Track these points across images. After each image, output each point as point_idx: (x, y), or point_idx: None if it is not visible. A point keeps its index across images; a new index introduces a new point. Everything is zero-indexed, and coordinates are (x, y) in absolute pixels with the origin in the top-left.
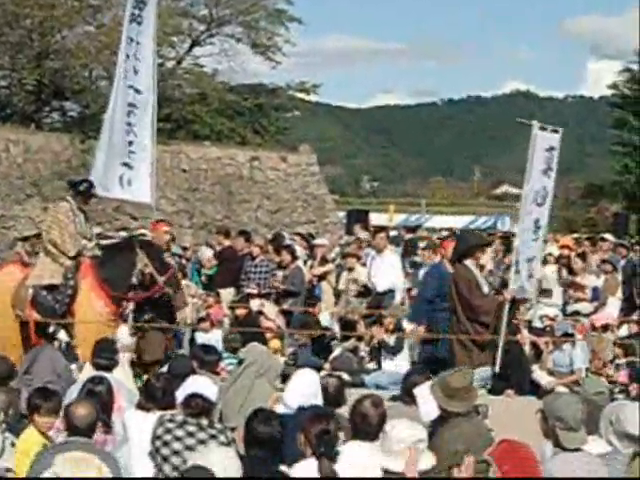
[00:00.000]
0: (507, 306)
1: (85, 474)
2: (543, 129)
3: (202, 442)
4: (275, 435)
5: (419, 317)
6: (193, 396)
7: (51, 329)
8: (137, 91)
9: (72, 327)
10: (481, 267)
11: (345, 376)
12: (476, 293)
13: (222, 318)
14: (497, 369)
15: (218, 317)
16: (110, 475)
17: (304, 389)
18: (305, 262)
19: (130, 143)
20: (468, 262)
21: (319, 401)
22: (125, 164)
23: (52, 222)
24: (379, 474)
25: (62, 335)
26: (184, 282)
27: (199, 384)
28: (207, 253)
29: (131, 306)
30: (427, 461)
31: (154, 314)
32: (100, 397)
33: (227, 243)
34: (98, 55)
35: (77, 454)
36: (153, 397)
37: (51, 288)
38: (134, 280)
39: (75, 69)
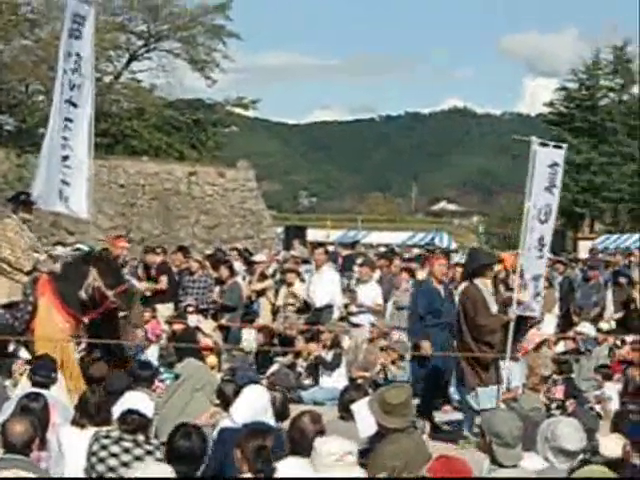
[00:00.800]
0: (512, 325)
1: None
2: (544, 145)
3: (138, 458)
4: (195, 450)
5: (419, 334)
6: (129, 412)
7: (11, 347)
8: (74, 105)
9: (32, 344)
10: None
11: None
12: (483, 312)
13: (159, 333)
14: (504, 387)
15: (155, 332)
16: None
17: (253, 404)
18: (244, 278)
19: (65, 158)
20: (478, 281)
21: (269, 417)
22: (62, 180)
23: (1, 240)
24: None
25: (22, 353)
26: None
27: (135, 400)
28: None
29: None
30: (359, 472)
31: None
32: (35, 414)
33: (159, 259)
34: (35, 69)
35: (14, 471)
36: (88, 413)
37: (9, 306)
38: (83, 295)
39: (11, 83)
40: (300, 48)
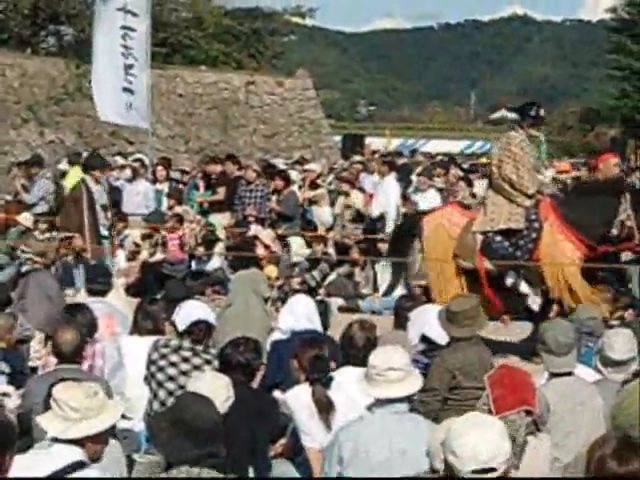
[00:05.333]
0: None
1: (82, 397)
2: None
3: (197, 367)
4: (245, 360)
5: None
6: (197, 323)
7: (510, 280)
8: (132, 13)
9: (532, 275)
10: (473, 196)
11: (340, 301)
12: None
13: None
14: None
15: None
16: (104, 399)
17: (293, 310)
18: (300, 187)
19: (130, 66)
20: None
21: (316, 325)
22: (126, 89)
23: (504, 155)
24: (368, 400)
25: (524, 287)
26: (182, 208)
27: (199, 309)
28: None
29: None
30: (411, 386)
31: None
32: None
33: (219, 169)
34: None
35: (71, 382)
36: (145, 322)
37: (506, 233)
38: (614, 231)
39: None
40: None
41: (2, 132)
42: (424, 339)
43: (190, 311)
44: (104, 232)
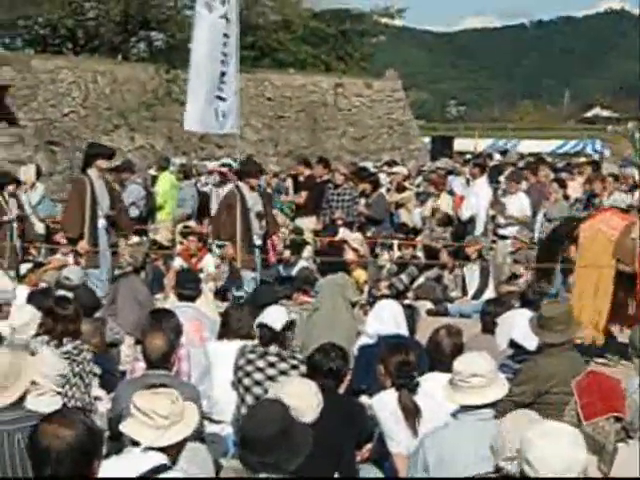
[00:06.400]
0: None
1: (168, 403)
2: None
3: (283, 372)
4: (334, 367)
5: None
6: (260, 326)
7: None
8: (228, 20)
9: None
10: (566, 197)
11: (428, 304)
12: None
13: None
14: None
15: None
16: (185, 406)
17: (379, 315)
18: (387, 190)
19: (223, 74)
20: None
21: (402, 330)
22: (218, 97)
23: None
24: (454, 407)
25: None
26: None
27: (268, 314)
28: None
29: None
30: (496, 392)
31: None
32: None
33: (308, 172)
34: None
35: (150, 390)
36: (232, 327)
37: None
38: None
39: None
40: None
41: (94, 138)
42: (512, 344)
43: (263, 315)
44: (257, 241)
